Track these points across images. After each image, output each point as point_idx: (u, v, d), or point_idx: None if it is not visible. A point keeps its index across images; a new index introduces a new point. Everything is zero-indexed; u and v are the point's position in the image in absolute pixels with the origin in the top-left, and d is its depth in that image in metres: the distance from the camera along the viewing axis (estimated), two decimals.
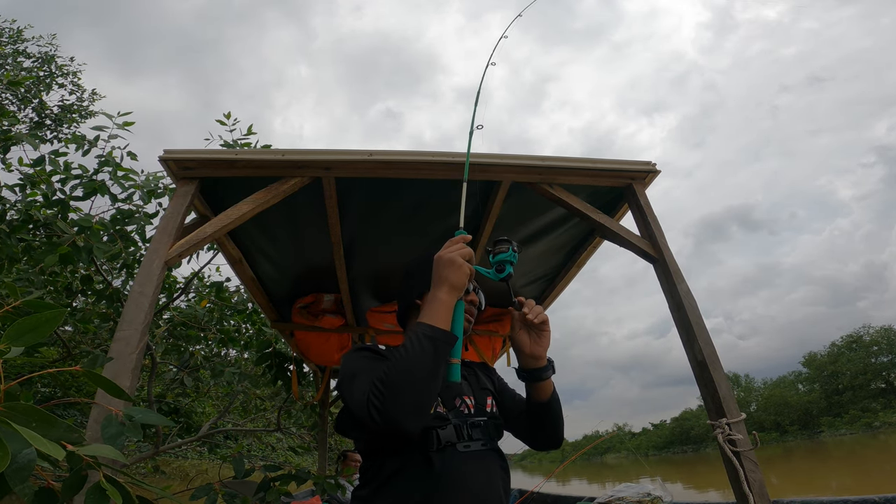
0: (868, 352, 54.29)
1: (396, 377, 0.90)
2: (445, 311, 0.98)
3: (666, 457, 64.76)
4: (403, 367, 0.91)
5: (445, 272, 1.01)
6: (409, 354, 0.92)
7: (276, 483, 1.88)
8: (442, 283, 1.00)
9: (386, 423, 0.88)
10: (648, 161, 1.81)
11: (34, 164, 2.40)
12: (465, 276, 1.00)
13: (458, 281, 1.00)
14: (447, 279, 1.00)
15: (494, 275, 1.12)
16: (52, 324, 0.70)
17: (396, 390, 0.89)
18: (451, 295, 1.00)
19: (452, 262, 1.01)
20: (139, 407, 0.96)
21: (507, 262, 1.12)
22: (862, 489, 13.86)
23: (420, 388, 0.91)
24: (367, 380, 0.98)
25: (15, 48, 8.88)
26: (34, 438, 0.55)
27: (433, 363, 0.93)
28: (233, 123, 3.44)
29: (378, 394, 0.90)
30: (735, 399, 1.41)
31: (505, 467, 1.16)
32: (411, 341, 0.94)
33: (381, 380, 0.91)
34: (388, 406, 0.88)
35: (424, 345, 0.93)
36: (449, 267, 1.01)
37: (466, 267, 1.01)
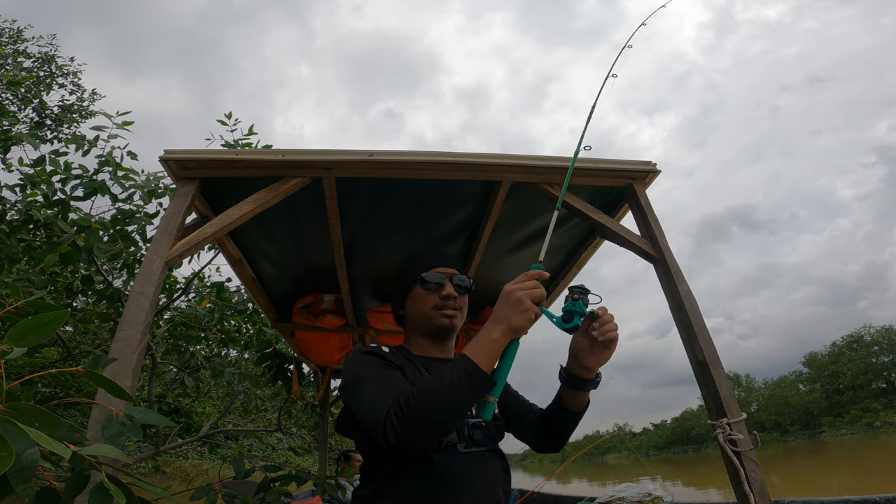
0: (869, 352, 54.25)
1: (424, 407, 0.88)
2: (494, 351, 0.92)
3: (667, 457, 64.73)
4: (434, 399, 0.88)
5: (508, 311, 0.93)
6: (444, 388, 0.89)
7: (276, 483, 1.88)
8: (501, 322, 0.93)
9: (398, 445, 0.88)
10: (649, 161, 1.80)
11: (34, 165, 2.40)
12: (528, 321, 0.92)
13: (519, 324, 0.92)
14: (508, 319, 0.92)
15: (560, 323, 1.04)
16: (54, 325, 0.70)
17: (420, 420, 0.88)
18: (507, 336, 0.93)
19: (520, 302, 0.92)
20: (140, 407, 0.96)
21: (577, 315, 1.03)
22: (863, 489, 13.85)
23: (444, 423, 0.90)
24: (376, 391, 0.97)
25: (15, 48, 8.89)
26: (40, 438, 0.55)
27: (465, 403, 0.90)
28: (234, 123, 3.44)
29: (400, 416, 0.88)
30: (735, 399, 1.40)
31: (506, 468, 1.16)
32: (450, 373, 0.90)
33: (407, 403, 0.89)
34: (407, 432, 0.87)
35: (462, 382, 0.89)
36: (515, 307, 0.92)
37: (532, 312, 0.93)
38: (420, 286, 1.22)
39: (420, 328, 1.24)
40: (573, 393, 1.15)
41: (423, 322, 1.22)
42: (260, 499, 1.83)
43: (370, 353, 1.11)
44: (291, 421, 5.66)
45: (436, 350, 1.23)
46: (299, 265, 2.50)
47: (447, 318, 1.18)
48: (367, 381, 1.01)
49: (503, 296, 0.96)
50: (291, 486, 1.97)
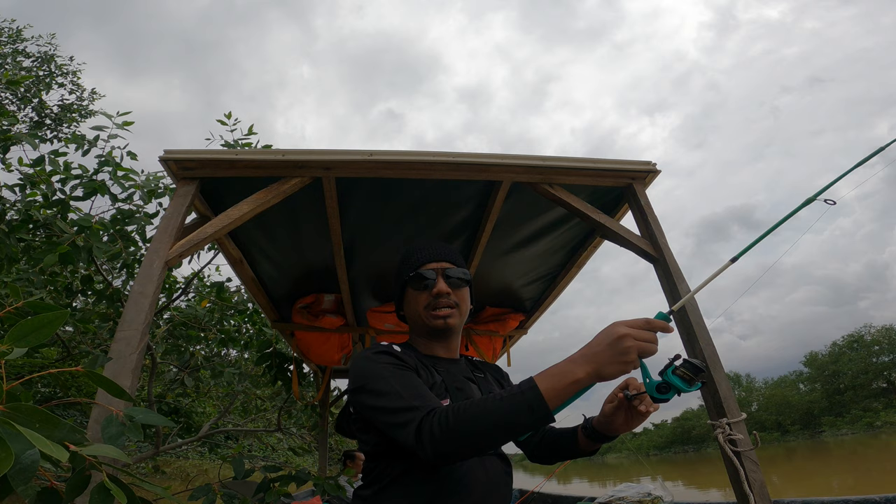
0: (869, 351, 54.22)
1: (474, 423, 0.83)
2: (568, 393, 0.83)
3: (667, 456, 64.70)
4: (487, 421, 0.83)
5: (608, 357, 0.81)
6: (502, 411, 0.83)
7: (275, 484, 1.88)
8: (591, 363, 0.82)
9: (434, 455, 0.85)
10: (649, 161, 1.80)
11: (34, 164, 2.40)
12: (621, 374, 0.82)
13: (611, 374, 0.82)
14: (603, 365, 0.82)
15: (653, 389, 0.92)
16: (54, 325, 0.70)
17: (466, 434, 0.84)
18: (591, 380, 0.83)
19: (626, 353, 0.80)
20: (140, 407, 0.96)
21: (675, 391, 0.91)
22: (863, 489, 13.85)
23: (488, 443, 0.86)
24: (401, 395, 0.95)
25: (14, 48, 8.88)
26: (37, 440, 0.55)
27: (516, 433, 0.85)
28: (233, 123, 3.44)
29: (444, 426, 0.84)
30: (735, 399, 1.40)
31: (509, 472, 1.15)
32: (513, 399, 0.83)
33: (455, 413, 0.85)
34: (449, 442, 0.84)
35: (522, 415, 0.82)
36: (618, 356, 0.81)
37: (633, 366, 0.82)
38: (410, 286, 1.17)
39: (418, 329, 1.20)
40: (590, 441, 1.15)
41: (418, 323, 1.18)
42: (259, 499, 1.82)
43: (384, 352, 1.07)
44: (291, 421, 5.66)
45: (440, 349, 1.20)
46: (299, 265, 2.50)
47: (440, 319, 1.12)
48: (388, 382, 0.98)
49: (610, 336, 0.82)
50: (291, 486, 1.96)
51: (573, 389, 0.83)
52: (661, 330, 0.85)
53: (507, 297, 2.91)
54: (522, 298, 2.95)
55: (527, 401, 0.82)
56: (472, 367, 1.26)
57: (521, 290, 2.84)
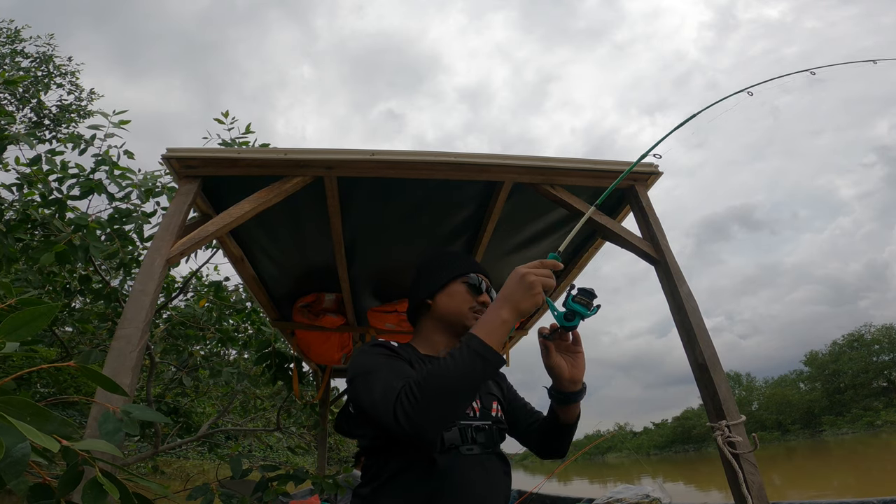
0: (870, 350, 54.20)
1: (436, 387, 0.87)
2: (503, 332, 0.92)
3: (667, 456, 64.72)
4: (446, 379, 0.88)
5: (519, 293, 0.94)
6: (456, 367, 0.88)
7: (273, 483, 1.87)
8: (509, 303, 0.94)
9: (411, 429, 0.86)
10: (651, 163, 1.79)
11: (31, 164, 2.39)
12: (535, 306, 0.94)
13: (526, 308, 0.93)
14: (517, 302, 0.93)
15: (561, 319, 1.05)
16: (45, 318, 0.70)
17: (433, 400, 0.87)
18: (515, 318, 0.94)
19: (532, 287, 0.93)
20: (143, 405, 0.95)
21: (578, 316, 1.03)
22: (864, 488, 13.83)
23: (456, 403, 0.89)
24: (386, 378, 0.96)
25: (13, 48, 8.87)
26: (28, 431, 0.55)
27: (475, 382, 0.90)
28: (231, 122, 3.44)
29: (412, 398, 0.87)
30: (735, 401, 1.40)
31: (507, 472, 1.16)
32: (462, 354, 0.90)
33: (418, 384, 0.88)
34: (420, 413, 0.86)
35: (475, 362, 0.89)
36: (526, 290, 0.93)
37: (541, 298, 0.94)
38: (464, 284, 1.24)
39: (443, 323, 1.23)
40: (564, 407, 1.17)
41: (452, 318, 1.22)
42: (257, 498, 1.82)
43: (379, 345, 1.10)
44: (291, 420, 5.66)
45: (446, 349, 1.22)
46: (300, 264, 2.50)
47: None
48: (377, 370, 1.00)
49: (516, 277, 0.95)
50: (289, 485, 1.96)
51: (505, 328, 0.93)
52: (552, 267, 0.98)
53: None
54: None
55: (473, 350, 0.90)
56: None
57: None
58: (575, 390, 1.13)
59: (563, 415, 1.18)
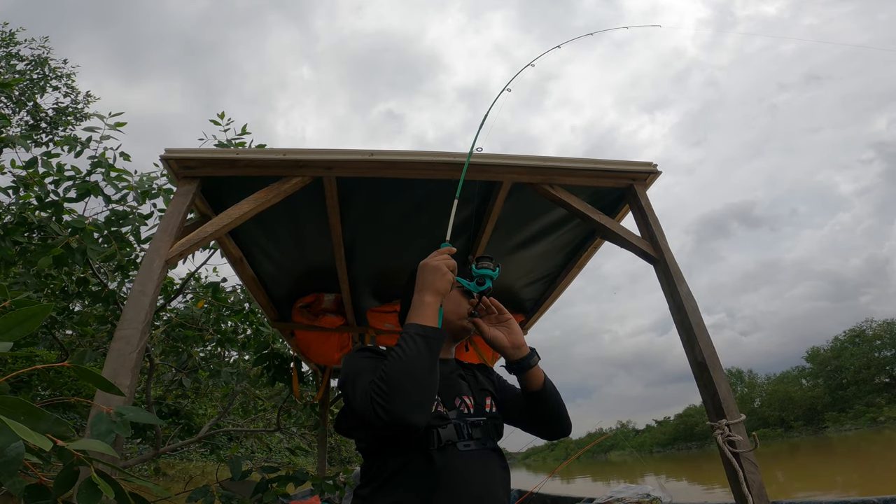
0: (871, 346, 54.12)
1: (395, 375, 0.94)
2: (432, 312, 1.04)
3: (670, 454, 64.70)
4: (401, 365, 0.95)
5: (430, 278, 1.07)
6: (405, 353, 0.97)
7: (273, 484, 1.87)
8: (426, 288, 1.07)
9: (391, 420, 0.92)
10: (649, 162, 1.79)
11: (26, 166, 2.39)
12: (448, 283, 1.08)
13: (442, 287, 1.07)
14: (432, 285, 1.07)
15: (475, 287, 1.19)
16: (37, 318, 0.69)
17: (397, 387, 0.93)
18: (436, 299, 1.06)
19: (437, 268, 1.08)
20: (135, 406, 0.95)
21: (487, 278, 1.18)
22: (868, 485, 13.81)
23: (419, 383, 0.95)
24: (368, 379, 0.99)
25: (7, 51, 8.86)
26: (21, 430, 0.55)
27: (428, 359, 0.98)
28: (227, 123, 3.44)
29: (380, 392, 0.93)
30: (735, 400, 1.40)
31: (505, 466, 1.17)
32: (405, 340, 0.99)
33: (381, 378, 0.95)
34: (392, 403, 0.91)
35: (418, 342, 0.98)
36: (434, 273, 1.07)
37: (450, 275, 1.08)
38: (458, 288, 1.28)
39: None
40: (525, 376, 1.22)
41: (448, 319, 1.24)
42: (257, 499, 1.81)
43: (364, 349, 1.15)
44: (291, 421, 5.65)
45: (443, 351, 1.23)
46: (300, 264, 2.49)
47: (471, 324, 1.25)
48: (360, 373, 1.04)
49: (422, 268, 1.10)
50: (289, 486, 1.96)
51: (433, 310, 1.05)
52: (448, 252, 1.13)
53: (507, 298, 2.90)
54: (523, 299, 2.94)
55: (414, 332, 1.00)
56: (461, 367, 1.32)
57: (522, 290, 2.83)
58: (522, 356, 1.21)
59: (527, 383, 1.23)
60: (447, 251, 1.14)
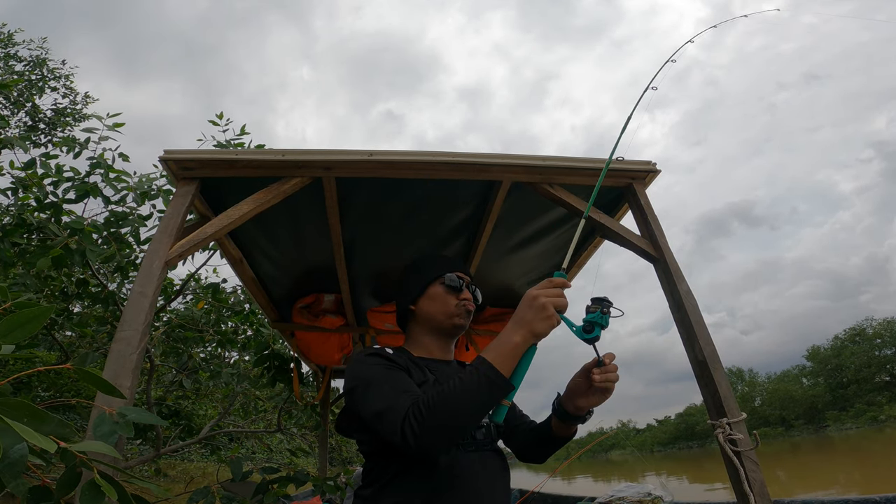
0: (871, 345, 54.13)
1: (444, 410, 0.89)
2: (513, 357, 0.92)
3: (671, 453, 64.70)
4: (455, 403, 0.89)
5: (532, 316, 0.93)
6: (464, 392, 0.89)
7: (274, 485, 1.87)
8: (522, 326, 0.93)
9: (418, 448, 0.88)
10: (649, 161, 1.79)
11: (25, 167, 2.39)
12: (549, 328, 0.94)
13: (541, 331, 0.93)
14: (531, 325, 0.93)
15: (581, 333, 1.04)
16: (39, 321, 0.69)
17: (440, 423, 0.88)
18: (528, 341, 0.93)
19: (544, 308, 0.93)
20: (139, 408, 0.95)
21: (598, 326, 1.03)
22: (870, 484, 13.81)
23: (462, 426, 0.91)
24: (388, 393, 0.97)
25: (6, 52, 8.85)
26: (25, 432, 0.55)
27: (485, 408, 0.91)
28: (226, 123, 3.43)
29: (420, 420, 0.89)
30: (735, 398, 1.39)
31: (506, 468, 1.18)
32: (470, 377, 0.91)
33: (427, 407, 0.89)
34: (428, 436, 0.88)
35: (482, 387, 0.90)
36: (538, 312, 0.93)
37: (555, 319, 0.94)
38: (441, 286, 1.26)
39: (430, 326, 1.26)
40: (561, 424, 1.19)
41: (437, 320, 1.24)
42: (258, 500, 1.81)
43: (375, 354, 1.11)
44: (291, 421, 5.66)
45: (438, 351, 1.25)
46: (299, 265, 2.49)
47: (463, 319, 1.24)
48: (376, 383, 1.02)
49: (527, 300, 0.95)
50: (290, 487, 1.96)
51: (515, 352, 0.92)
52: (561, 286, 0.98)
53: (507, 297, 2.90)
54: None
55: (483, 374, 0.90)
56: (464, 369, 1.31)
57: (522, 289, 2.83)
58: (577, 414, 1.16)
59: (556, 427, 1.21)
60: (561, 284, 0.98)
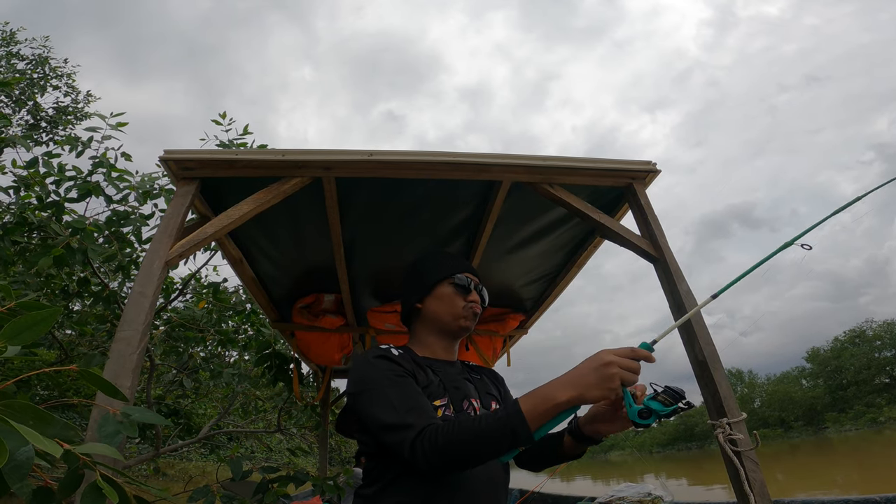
0: (871, 346, 54.11)
1: (461, 446, 0.89)
2: (551, 414, 0.87)
3: (670, 454, 64.70)
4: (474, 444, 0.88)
5: (593, 381, 0.85)
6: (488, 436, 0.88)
7: (273, 485, 1.87)
8: (576, 388, 0.86)
9: (426, 468, 0.91)
10: (648, 161, 1.79)
11: (27, 166, 2.39)
12: (604, 397, 0.86)
13: (594, 398, 0.86)
14: (586, 389, 0.86)
15: (634, 415, 0.92)
16: (47, 323, 0.70)
17: (454, 456, 0.90)
18: (576, 402, 0.87)
19: (611, 379, 0.84)
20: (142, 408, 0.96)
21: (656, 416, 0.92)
22: (868, 485, 13.81)
23: (474, 462, 0.92)
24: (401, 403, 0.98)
25: (8, 50, 8.85)
26: (31, 436, 0.55)
27: (500, 454, 0.90)
28: (228, 123, 3.44)
29: (435, 447, 0.90)
30: (735, 398, 1.39)
31: (506, 468, 1.19)
32: (498, 423, 0.88)
33: (445, 436, 0.89)
34: (438, 460, 0.90)
35: (506, 437, 0.87)
36: (602, 381, 0.85)
37: (616, 392, 0.86)
38: (450, 286, 1.25)
39: (436, 326, 1.25)
40: (575, 443, 1.17)
41: (444, 320, 1.23)
42: (258, 500, 1.82)
43: (383, 356, 1.10)
44: (291, 422, 5.66)
45: (442, 351, 1.25)
46: (299, 265, 2.49)
47: (469, 321, 1.23)
48: (385, 392, 1.02)
49: (596, 362, 0.87)
50: (290, 486, 1.96)
51: (555, 411, 0.87)
52: (644, 359, 0.89)
53: (507, 297, 2.90)
54: (522, 298, 2.94)
55: (511, 424, 0.87)
56: (469, 370, 1.31)
57: (522, 289, 2.83)
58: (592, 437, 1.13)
59: (568, 446, 1.18)
60: (644, 357, 0.89)
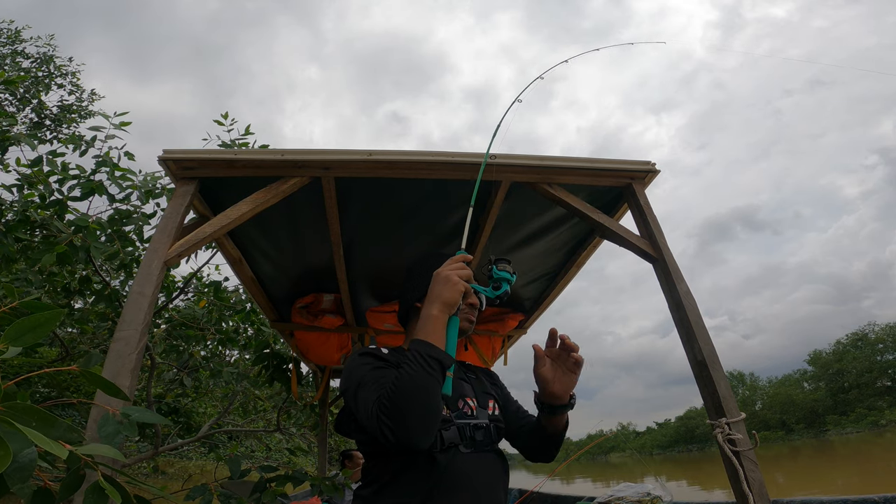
0: (873, 349, 53.92)
1: (399, 399, 0.92)
2: (439, 329, 0.99)
3: (671, 455, 64.57)
4: (408, 388, 0.92)
5: (440, 289, 1.02)
6: (412, 375, 0.93)
7: (272, 484, 1.87)
8: (435, 300, 1.01)
9: (399, 441, 0.91)
10: (648, 161, 1.79)
11: (32, 165, 2.40)
12: (459, 295, 1.02)
13: (452, 299, 1.01)
14: (441, 296, 1.01)
15: (491, 292, 1.13)
16: (50, 324, 0.70)
17: (402, 411, 0.91)
18: (444, 312, 1.01)
19: (448, 279, 1.02)
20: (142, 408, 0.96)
21: (504, 281, 1.12)
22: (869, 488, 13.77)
23: (422, 407, 0.93)
24: (373, 392, 0.99)
25: (13, 49, 8.86)
26: (36, 437, 0.55)
27: (431, 382, 0.94)
28: (231, 123, 3.45)
29: (386, 413, 0.92)
30: (735, 399, 1.39)
31: (506, 469, 1.19)
32: (413, 359, 0.95)
33: (389, 399, 0.93)
34: (399, 425, 0.91)
35: (421, 364, 0.94)
36: (444, 284, 1.02)
37: (462, 285, 1.02)
38: None
39: None
40: (549, 417, 1.19)
41: None
42: (256, 499, 1.82)
43: (366, 353, 1.12)
44: (291, 421, 5.67)
45: None
46: (298, 265, 2.50)
47: (468, 323, 1.24)
48: (364, 384, 1.03)
49: (434, 278, 1.05)
50: (288, 486, 1.96)
51: (440, 324, 1.00)
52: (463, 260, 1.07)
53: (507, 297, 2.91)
54: (522, 298, 2.94)
55: (418, 352, 0.96)
56: (465, 370, 1.32)
57: (521, 289, 2.83)
58: (559, 403, 1.16)
59: (547, 424, 1.21)
60: (462, 259, 1.07)
